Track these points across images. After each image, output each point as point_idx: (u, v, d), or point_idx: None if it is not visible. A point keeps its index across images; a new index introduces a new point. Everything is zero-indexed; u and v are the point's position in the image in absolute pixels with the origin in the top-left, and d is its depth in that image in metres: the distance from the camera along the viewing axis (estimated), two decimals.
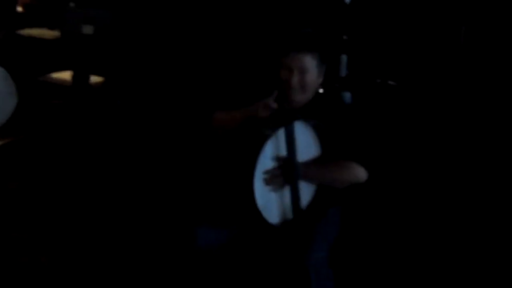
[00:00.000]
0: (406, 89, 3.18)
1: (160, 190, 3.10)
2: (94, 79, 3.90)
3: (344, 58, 3.12)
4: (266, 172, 1.80)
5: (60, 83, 3.86)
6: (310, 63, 1.85)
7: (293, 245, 1.94)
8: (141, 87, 4.05)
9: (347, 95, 3.15)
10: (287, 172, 1.83)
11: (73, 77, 3.75)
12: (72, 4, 4.11)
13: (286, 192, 1.86)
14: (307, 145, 1.87)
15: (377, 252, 2.57)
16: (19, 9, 4.54)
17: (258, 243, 2.14)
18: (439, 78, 3.18)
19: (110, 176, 3.28)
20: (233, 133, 1.93)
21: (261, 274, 2.26)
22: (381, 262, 2.51)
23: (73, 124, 3.75)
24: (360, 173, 1.88)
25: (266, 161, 1.80)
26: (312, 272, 1.90)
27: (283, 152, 1.83)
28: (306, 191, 1.90)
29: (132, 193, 3.07)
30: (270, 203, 1.84)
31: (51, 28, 4.33)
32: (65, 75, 3.89)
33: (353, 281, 2.38)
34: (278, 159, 1.82)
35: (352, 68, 3.16)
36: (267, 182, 1.80)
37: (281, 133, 1.80)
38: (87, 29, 3.64)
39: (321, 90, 2.05)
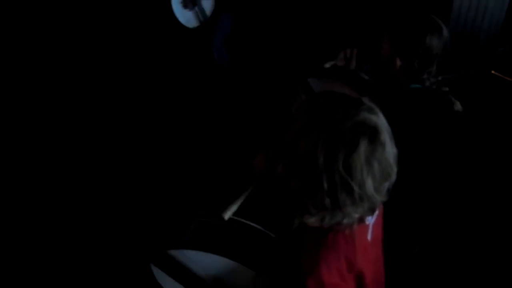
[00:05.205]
0: None
1: None
2: None
3: None
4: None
5: None
6: None
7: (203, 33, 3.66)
8: None
9: None
10: None
11: None
12: None
13: (197, 8, 3.56)
14: None
15: None
16: None
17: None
18: None
19: None
20: None
21: None
22: None
23: None
24: None
25: None
26: (215, 50, 3.67)
27: None
28: (207, 4, 3.59)
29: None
30: (190, 19, 3.57)
31: None
32: None
33: None
34: None
35: None
36: (183, 5, 3.51)
37: None
38: None
39: None
